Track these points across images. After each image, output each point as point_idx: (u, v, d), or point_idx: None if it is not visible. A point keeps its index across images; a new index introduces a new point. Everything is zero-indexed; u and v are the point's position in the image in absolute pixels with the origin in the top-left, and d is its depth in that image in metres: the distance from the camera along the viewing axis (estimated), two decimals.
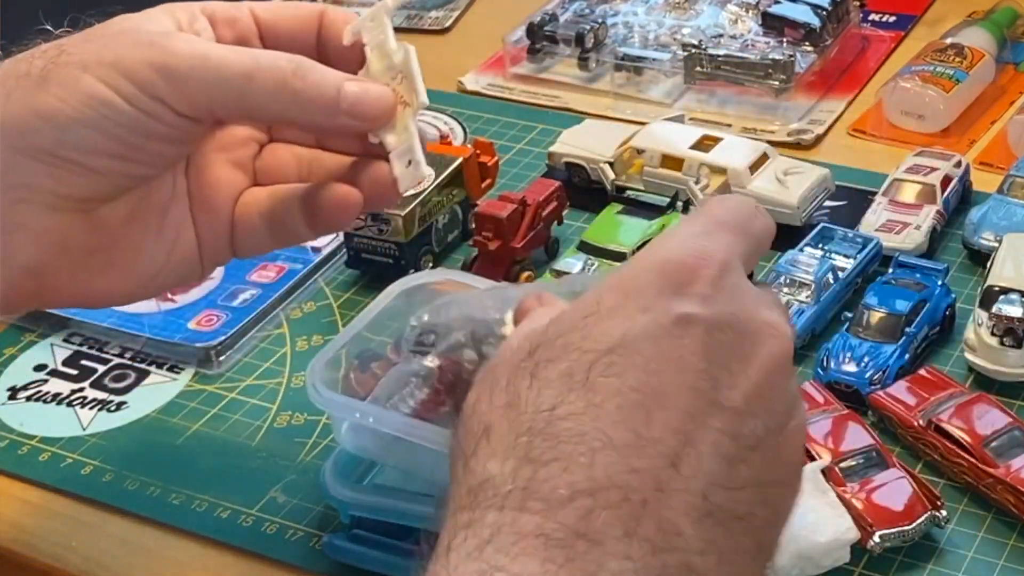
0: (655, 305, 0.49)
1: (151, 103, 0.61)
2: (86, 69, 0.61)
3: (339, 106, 0.63)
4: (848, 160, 1.05)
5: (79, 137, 0.61)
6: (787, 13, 1.14)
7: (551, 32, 1.18)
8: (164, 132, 0.62)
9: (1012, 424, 0.77)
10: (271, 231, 0.68)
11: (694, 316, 0.49)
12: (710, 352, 0.49)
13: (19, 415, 0.90)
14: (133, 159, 0.63)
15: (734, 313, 0.50)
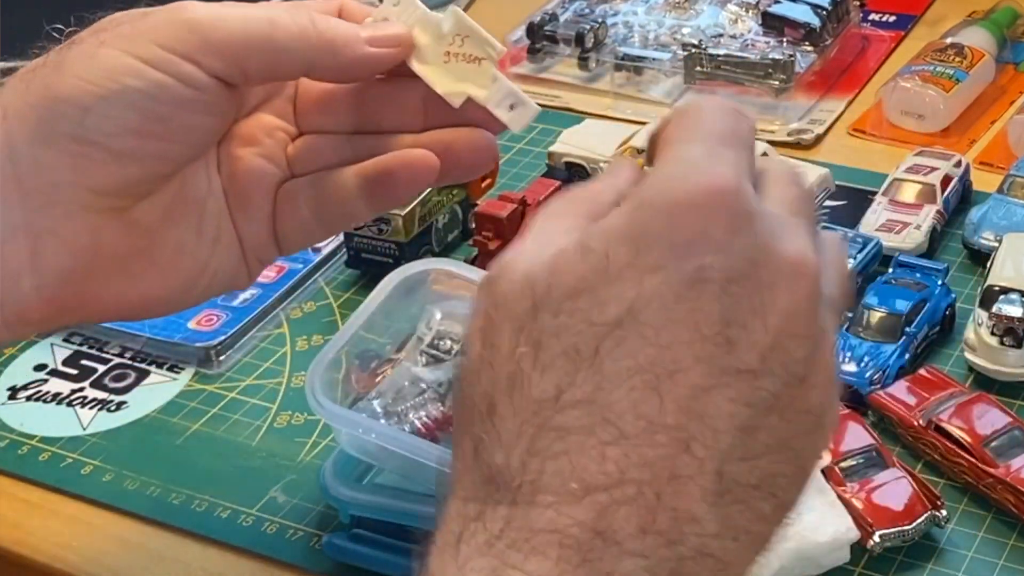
0: (667, 262, 0.45)
1: (179, 62, 0.59)
2: (104, 44, 0.59)
3: (360, 36, 0.62)
4: (848, 160, 1.05)
5: (103, 116, 0.58)
6: (787, 13, 1.14)
7: (551, 32, 1.18)
8: (193, 97, 0.60)
9: (1012, 424, 0.77)
10: (321, 218, 0.66)
11: (708, 271, 0.45)
12: (726, 311, 0.45)
13: (19, 415, 0.90)
14: (161, 136, 0.60)
15: (751, 258, 0.46)
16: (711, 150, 0.48)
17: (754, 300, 0.46)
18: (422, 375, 0.77)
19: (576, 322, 0.45)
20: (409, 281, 0.79)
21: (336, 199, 0.65)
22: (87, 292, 0.62)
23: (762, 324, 0.46)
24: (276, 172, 0.66)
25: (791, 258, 0.47)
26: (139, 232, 0.62)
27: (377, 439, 0.73)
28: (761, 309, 0.46)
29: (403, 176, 0.64)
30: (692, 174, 0.47)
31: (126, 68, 0.58)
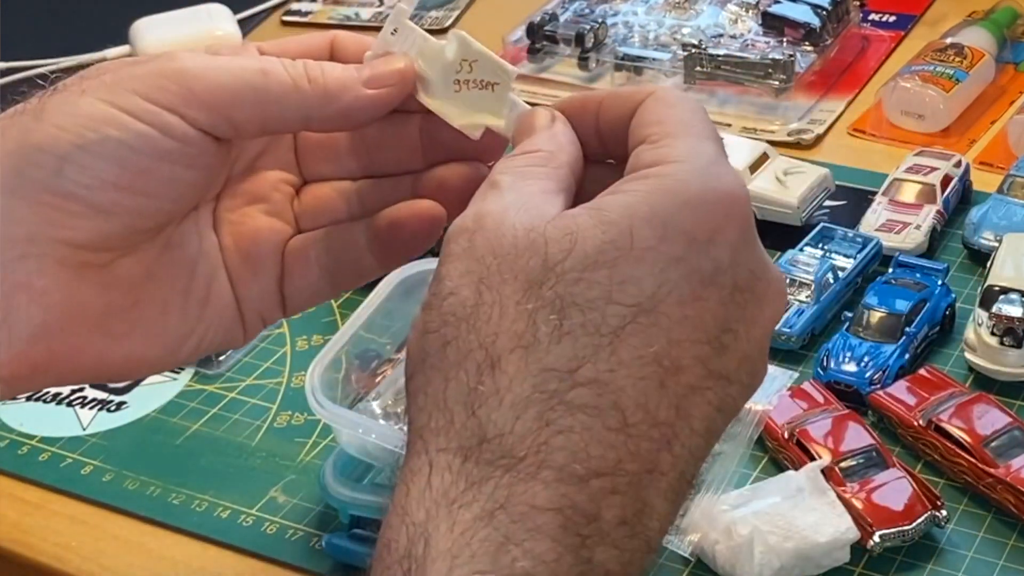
0: (688, 255, 0.47)
1: (160, 113, 0.55)
2: (85, 93, 0.56)
3: (358, 79, 0.58)
4: (848, 160, 1.05)
5: (80, 166, 0.55)
6: (787, 13, 1.14)
7: (551, 32, 1.18)
8: (175, 149, 0.56)
9: (1012, 424, 0.77)
10: (330, 276, 0.62)
11: (723, 275, 0.47)
12: (728, 315, 0.47)
13: (19, 415, 0.90)
14: (141, 189, 0.56)
15: (754, 270, 0.48)
16: (719, 153, 0.50)
17: (748, 310, 0.48)
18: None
19: (597, 296, 0.46)
20: (409, 281, 0.79)
21: (347, 256, 0.62)
22: (62, 350, 0.57)
23: (747, 335, 0.48)
24: (285, 228, 0.62)
25: (778, 278, 0.50)
26: (120, 290, 0.58)
27: (377, 439, 0.73)
28: (751, 320, 0.48)
29: (412, 228, 0.61)
30: (715, 174, 0.48)
31: (105, 117, 0.55)
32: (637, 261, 0.46)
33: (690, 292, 0.46)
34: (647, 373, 0.45)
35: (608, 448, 0.45)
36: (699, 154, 0.49)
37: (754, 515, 0.73)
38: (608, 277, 0.46)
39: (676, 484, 0.46)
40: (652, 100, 0.52)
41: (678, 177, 0.48)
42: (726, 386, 0.47)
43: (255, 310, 0.62)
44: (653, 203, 0.47)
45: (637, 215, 0.47)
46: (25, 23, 1.24)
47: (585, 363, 0.45)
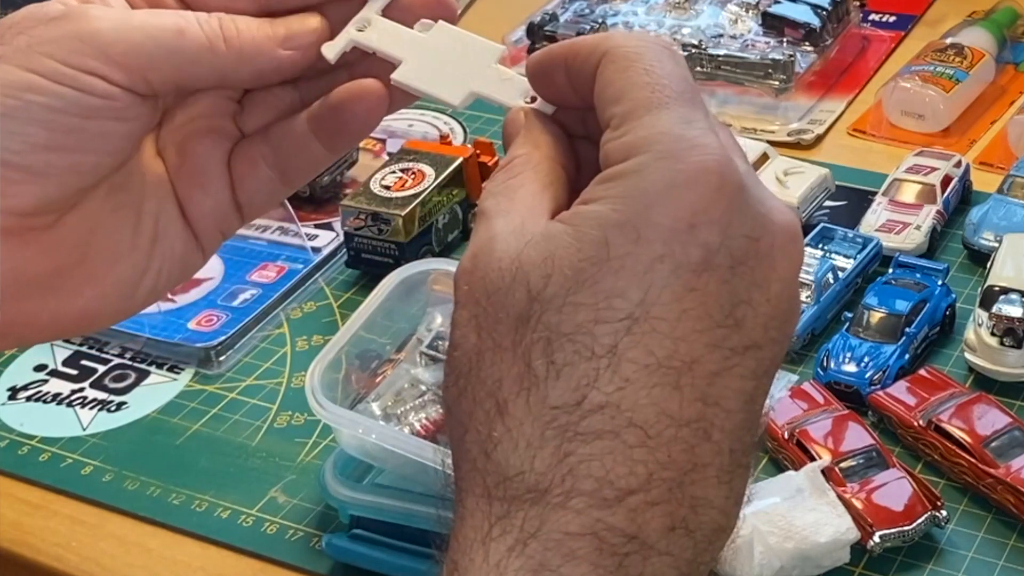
0: (672, 250, 0.45)
1: (79, 75, 0.54)
2: (1, 59, 0.55)
3: (274, 40, 0.57)
4: (848, 160, 1.05)
5: (10, 134, 0.54)
6: (787, 13, 1.14)
7: (551, 32, 1.18)
8: (100, 106, 0.55)
9: (1012, 424, 0.77)
10: (282, 173, 0.62)
11: (715, 256, 0.45)
12: (733, 293, 0.45)
13: (19, 415, 0.90)
14: (74, 147, 0.55)
15: (750, 233, 0.45)
16: (686, 117, 0.47)
17: (757, 274, 0.46)
18: (421, 376, 0.77)
19: (585, 319, 0.44)
20: (409, 281, 0.79)
21: (295, 150, 0.61)
22: (16, 317, 0.58)
23: (764, 296, 0.46)
24: (227, 136, 0.61)
25: (784, 225, 0.47)
26: (67, 249, 0.58)
27: (377, 439, 0.73)
28: (764, 282, 0.46)
29: (355, 109, 0.60)
30: (681, 153, 0.46)
31: (25, 83, 0.54)
32: (617, 272, 0.45)
33: (682, 285, 0.45)
34: (657, 380, 0.44)
35: (635, 465, 0.44)
36: (659, 135, 0.46)
37: (754, 515, 0.73)
38: (592, 296, 0.45)
39: (728, 465, 0.45)
40: (606, 65, 0.49)
41: (642, 173, 0.46)
42: (756, 352, 0.45)
43: (212, 227, 0.61)
44: (623, 207, 0.45)
45: (609, 224, 0.45)
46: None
47: (589, 390, 0.44)
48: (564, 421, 0.44)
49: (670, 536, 0.44)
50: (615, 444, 0.44)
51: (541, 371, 0.44)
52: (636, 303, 0.44)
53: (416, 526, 0.73)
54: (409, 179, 0.97)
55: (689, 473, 0.44)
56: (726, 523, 0.45)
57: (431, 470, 0.70)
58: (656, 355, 0.44)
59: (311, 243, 1.00)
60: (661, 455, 0.44)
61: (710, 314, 0.45)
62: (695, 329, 0.45)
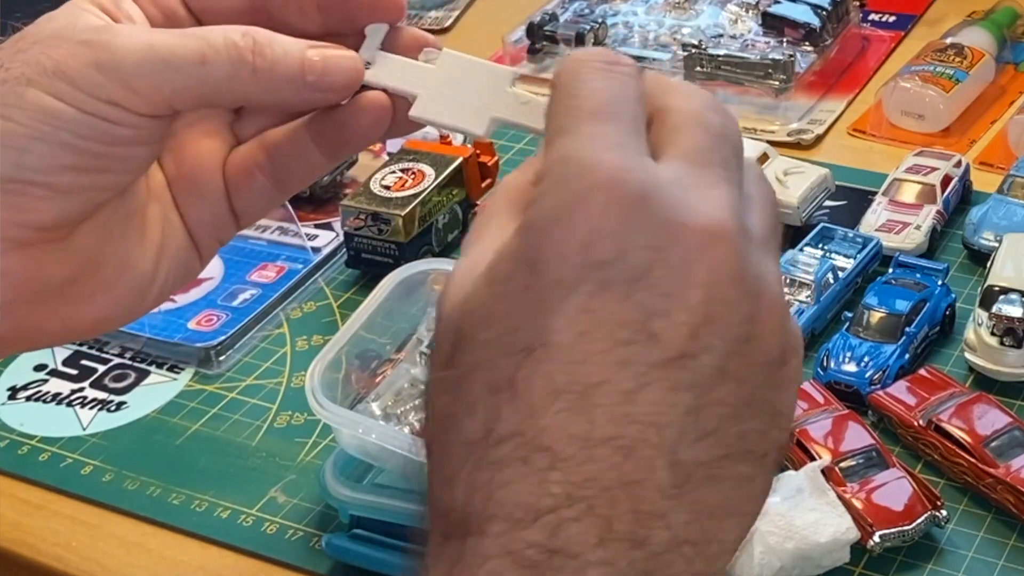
0: (564, 276, 0.44)
1: (104, 107, 0.55)
2: (30, 83, 0.55)
3: (304, 79, 0.57)
4: (848, 160, 1.05)
5: (40, 156, 0.55)
6: (787, 13, 1.14)
7: (551, 32, 1.18)
8: (125, 134, 0.56)
9: (1012, 424, 0.77)
10: (278, 181, 0.62)
11: (608, 271, 0.43)
12: (640, 307, 0.43)
13: (19, 415, 0.90)
14: (99, 169, 0.57)
15: (653, 244, 0.44)
16: (591, 134, 0.46)
17: (668, 284, 0.44)
18: (421, 376, 0.77)
19: (491, 355, 0.44)
20: (409, 281, 0.79)
21: (292, 158, 0.61)
22: (29, 324, 0.59)
23: (683, 305, 0.44)
24: (224, 145, 0.62)
25: (700, 227, 0.44)
26: (81, 258, 0.59)
27: (377, 439, 0.73)
28: (679, 291, 0.44)
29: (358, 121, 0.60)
30: (570, 173, 0.45)
31: (55, 111, 0.55)
32: (518, 305, 0.44)
33: (576, 308, 0.44)
34: (561, 406, 0.43)
35: (550, 486, 0.43)
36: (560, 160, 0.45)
37: None
38: (497, 331, 0.44)
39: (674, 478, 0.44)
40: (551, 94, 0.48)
41: (538, 202, 0.45)
42: (686, 363, 0.44)
43: (209, 234, 0.62)
44: (522, 239, 0.45)
45: (512, 257, 0.45)
46: (25, 23, 1.24)
47: (496, 423, 0.44)
48: (478, 455, 0.44)
49: (605, 547, 0.43)
50: (525, 470, 0.43)
51: (457, 409, 0.45)
52: (534, 333, 0.44)
53: (416, 526, 0.73)
54: (409, 179, 0.97)
55: (621, 488, 0.43)
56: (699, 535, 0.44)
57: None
58: (555, 381, 0.44)
59: (311, 243, 1.00)
60: (575, 476, 0.43)
61: (612, 334, 0.44)
62: (596, 350, 0.44)
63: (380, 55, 0.58)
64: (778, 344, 0.46)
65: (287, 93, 0.58)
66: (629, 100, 0.47)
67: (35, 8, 0.61)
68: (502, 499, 0.44)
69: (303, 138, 0.61)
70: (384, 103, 0.59)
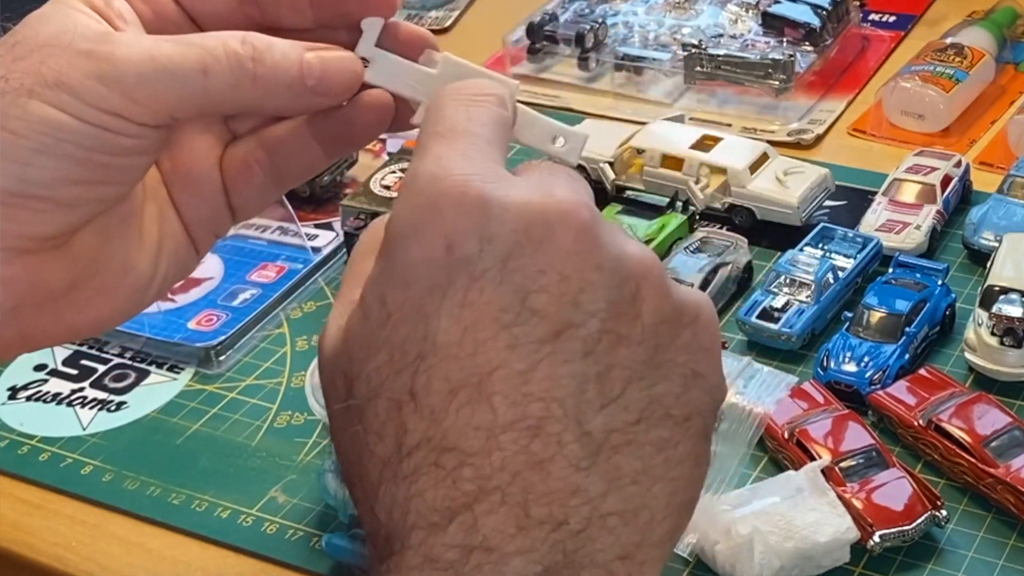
0: (436, 279, 0.45)
1: (107, 118, 0.55)
2: (32, 95, 0.55)
3: (304, 84, 0.57)
4: (848, 160, 1.05)
5: (42, 169, 0.55)
6: (787, 13, 1.14)
7: (551, 32, 1.18)
8: (127, 144, 0.56)
9: (1012, 424, 0.77)
10: (276, 175, 0.62)
11: (477, 262, 0.45)
12: (517, 288, 0.45)
13: (19, 415, 0.90)
14: (103, 180, 0.57)
15: (514, 228, 0.45)
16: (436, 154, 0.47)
17: (538, 260, 0.45)
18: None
19: (384, 377, 0.45)
20: None
21: (290, 152, 0.61)
22: (34, 327, 0.59)
23: (558, 276, 0.45)
24: (219, 140, 0.62)
25: (553, 204, 0.46)
26: (82, 263, 0.59)
27: None
28: (549, 264, 0.45)
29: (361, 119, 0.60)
30: (419, 186, 0.46)
31: (58, 123, 0.55)
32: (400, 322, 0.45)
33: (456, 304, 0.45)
34: (460, 401, 0.44)
35: (462, 483, 0.44)
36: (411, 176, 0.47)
37: (754, 515, 0.73)
38: (386, 353, 0.45)
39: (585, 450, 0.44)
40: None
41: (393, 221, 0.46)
42: (575, 331, 0.45)
43: (206, 228, 0.62)
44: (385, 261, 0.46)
45: (380, 281, 0.46)
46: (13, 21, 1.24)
47: (404, 436, 0.45)
48: (392, 471, 0.45)
49: (524, 534, 0.44)
50: (437, 473, 0.44)
51: (366, 437, 0.45)
52: (421, 340, 0.45)
53: None
54: None
55: (533, 470, 0.44)
56: (622, 505, 0.45)
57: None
58: (451, 379, 0.44)
59: (311, 243, 1.00)
60: (485, 468, 0.44)
61: (495, 319, 0.45)
62: (483, 339, 0.44)
63: (378, 53, 0.58)
64: (668, 305, 0.46)
65: (287, 99, 0.58)
66: (484, 122, 0.50)
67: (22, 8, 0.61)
68: (419, 507, 0.44)
69: (303, 134, 0.61)
70: (387, 102, 0.59)
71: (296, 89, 0.57)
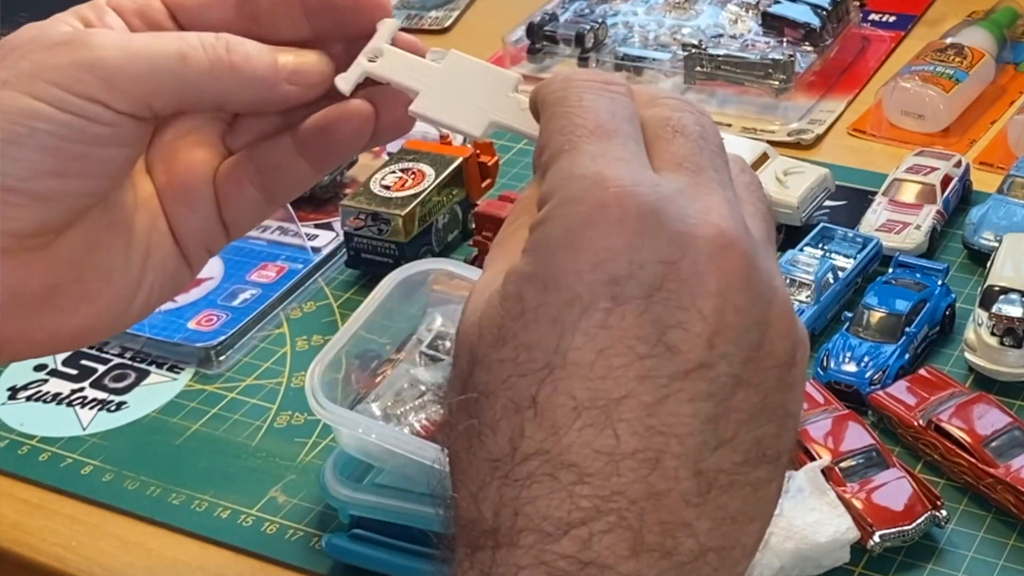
0: (579, 293, 0.44)
1: (84, 104, 0.55)
2: (5, 85, 0.55)
3: (279, 74, 0.58)
4: (848, 160, 1.05)
5: (15, 161, 0.55)
6: (787, 13, 1.14)
7: (551, 32, 1.18)
8: (105, 134, 0.56)
9: (1012, 424, 0.77)
10: (267, 192, 0.62)
11: (625, 290, 0.44)
12: (655, 321, 0.44)
13: (19, 415, 0.90)
14: (78, 173, 0.56)
15: (665, 259, 0.44)
16: (594, 152, 0.46)
17: (682, 297, 0.45)
18: (421, 377, 0.77)
19: (508, 374, 0.45)
20: (409, 281, 0.79)
21: (280, 170, 0.62)
22: (15, 333, 0.58)
23: (698, 315, 0.45)
24: (215, 155, 0.62)
25: (708, 238, 0.45)
26: (64, 267, 0.58)
27: (377, 439, 0.73)
28: (692, 302, 0.45)
29: (343, 130, 0.60)
30: (577, 192, 0.45)
31: (31, 111, 0.55)
32: (530, 325, 0.45)
33: (594, 325, 0.44)
34: (585, 422, 0.44)
35: (578, 500, 0.44)
36: (565, 179, 0.46)
37: None
38: (513, 351, 0.45)
39: (698, 487, 0.45)
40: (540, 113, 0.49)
41: (547, 222, 0.46)
42: (704, 372, 0.44)
43: (199, 244, 0.62)
44: (532, 260, 0.45)
45: (523, 277, 0.45)
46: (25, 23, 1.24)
47: (520, 441, 0.44)
48: (504, 471, 0.45)
49: (636, 558, 0.44)
50: (553, 485, 0.44)
51: (477, 428, 0.45)
52: (552, 351, 0.44)
53: (416, 526, 0.73)
54: (409, 179, 0.97)
55: (646, 500, 0.44)
56: (721, 542, 0.45)
57: (431, 470, 0.70)
58: (577, 397, 0.44)
59: (311, 243, 1.00)
60: (603, 490, 0.44)
61: (631, 348, 0.44)
62: (616, 365, 0.44)
63: (388, 49, 0.58)
64: (788, 346, 0.46)
65: (263, 88, 0.58)
66: (625, 118, 0.48)
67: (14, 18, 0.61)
68: (531, 513, 0.44)
69: (290, 149, 0.61)
70: (366, 112, 0.59)
71: (272, 79, 0.58)
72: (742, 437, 0.45)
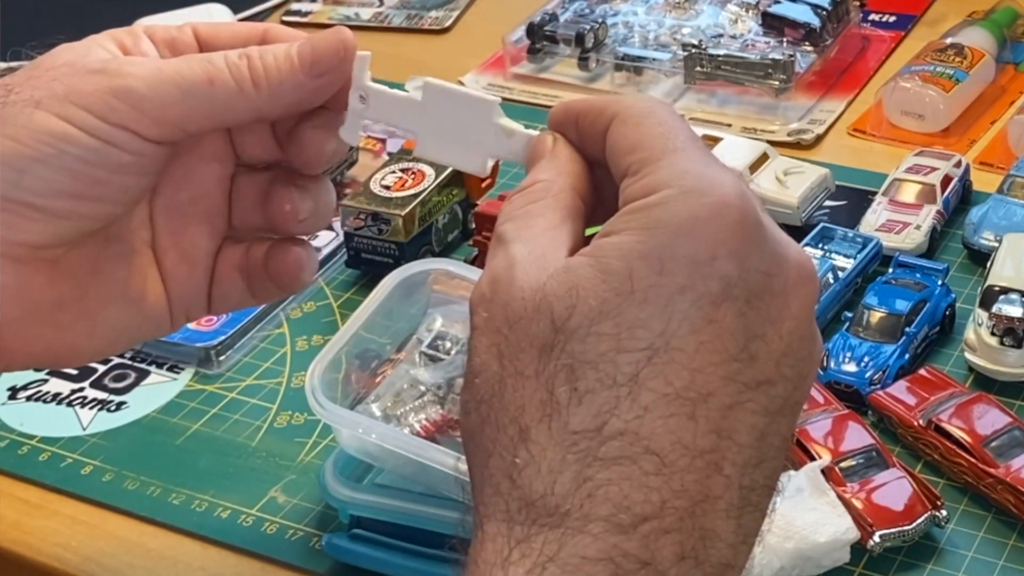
0: (693, 282, 0.45)
1: (113, 131, 0.57)
2: (39, 105, 0.57)
3: (301, 72, 0.59)
4: (848, 160, 1.05)
5: (37, 178, 0.56)
6: (787, 13, 1.14)
7: (551, 32, 1.18)
8: (129, 162, 0.58)
9: (1012, 424, 0.77)
10: (251, 288, 0.65)
11: (733, 288, 0.46)
12: (747, 327, 0.46)
13: (19, 415, 0.90)
14: (95, 197, 0.58)
15: (766, 270, 0.47)
16: (704, 159, 0.48)
17: (771, 311, 0.47)
18: (421, 377, 0.77)
19: (608, 348, 0.45)
20: (409, 281, 0.79)
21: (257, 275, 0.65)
22: (15, 341, 0.60)
23: (777, 333, 0.47)
24: (220, 231, 0.64)
25: (798, 264, 0.48)
26: (69, 283, 0.60)
27: (377, 439, 0.73)
28: (777, 318, 0.47)
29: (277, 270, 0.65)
30: (701, 189, 0.47)
31: (61, 133, 0.56)
32: (641, 303, 0.46)
33: (702, 317, 0.45)
34: (675, 410, 0.45)
35: (650, 492, 0.44)
36: (681, 173, 0.48)
37: None
38: (615, 326, 0.45)
39: (737, 500, 0.46)
40: (617, 125, 0.51)
41: (666, 206, 0.47)
42: (769, 389, 0.46)
43: (183, 307, 0.64)
44: (647, 239, 0.46)
45: (633, 255, 0.46)
46: (25, 23, 1.24)
47: (610, 417, 0.45)
48: (584, 446, 0.45)
49: (680, 565, 0.44)
50: (632, 470, 0.44)
51: (563, 398, 0.45)
52: (657, 333, 0.45)
53: (416, 526, 0.73)
54: (409, 179, 0.97)
55: (700, 503, 0.45)
56: (733, 559, 0.46)
57: (431, 470, 0.70)
58: (674, 385, 0.45)
59: (311, 243, 1.00)
60: (675, 484, 0.44)
61: (726, 347, 0.46)
62: (712, 361, 0.45)
63: (371, 88, 0.60)
64: (810, 387, 0.49)
65: (290, 93, 0.59)
66: (693, 139, 0.50)
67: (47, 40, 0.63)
68: (606, 498, 0.44)
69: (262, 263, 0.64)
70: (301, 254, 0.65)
71: (296, 79, 0.59)
72: (771, 463, 0.47)
